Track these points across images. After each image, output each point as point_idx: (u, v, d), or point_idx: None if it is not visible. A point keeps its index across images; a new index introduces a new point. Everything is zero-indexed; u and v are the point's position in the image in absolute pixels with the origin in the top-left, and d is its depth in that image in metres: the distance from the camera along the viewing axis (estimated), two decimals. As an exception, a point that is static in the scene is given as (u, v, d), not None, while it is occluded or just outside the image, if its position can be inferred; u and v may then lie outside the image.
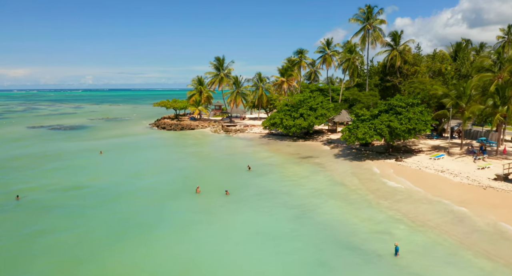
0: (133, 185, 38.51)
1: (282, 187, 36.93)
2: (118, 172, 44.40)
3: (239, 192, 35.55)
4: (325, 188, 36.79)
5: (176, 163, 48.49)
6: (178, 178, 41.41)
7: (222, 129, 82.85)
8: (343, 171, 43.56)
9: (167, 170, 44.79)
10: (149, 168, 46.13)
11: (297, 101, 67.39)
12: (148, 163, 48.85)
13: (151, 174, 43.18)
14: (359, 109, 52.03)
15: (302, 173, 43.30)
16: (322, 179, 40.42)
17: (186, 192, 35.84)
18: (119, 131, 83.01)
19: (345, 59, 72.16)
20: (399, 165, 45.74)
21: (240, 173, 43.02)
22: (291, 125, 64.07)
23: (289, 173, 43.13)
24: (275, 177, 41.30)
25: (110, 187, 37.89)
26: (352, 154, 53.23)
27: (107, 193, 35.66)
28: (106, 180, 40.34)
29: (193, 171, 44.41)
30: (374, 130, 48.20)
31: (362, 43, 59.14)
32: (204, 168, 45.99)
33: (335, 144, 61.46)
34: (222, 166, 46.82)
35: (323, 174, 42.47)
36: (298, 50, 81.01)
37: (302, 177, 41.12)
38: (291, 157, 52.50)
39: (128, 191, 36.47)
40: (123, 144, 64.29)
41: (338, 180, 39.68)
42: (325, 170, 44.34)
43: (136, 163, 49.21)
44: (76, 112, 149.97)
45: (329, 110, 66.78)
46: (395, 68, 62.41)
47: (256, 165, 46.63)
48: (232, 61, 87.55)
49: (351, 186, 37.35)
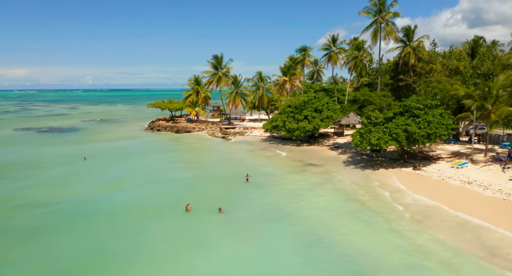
0: (114, 200, 33.28)
1: (286, 204, 31.63)
2: (100, 183, 39.16)
3: (235, 210, 30.29)
4: (337, 205, 31.48)
5: (167, 172, 43.21)
6: (167, 190, 36.13)
7: (220, 132, 77.60)
8: (355, 183, 38.26)
9: (155, 181, 39.53)
10: (135, 178, 40.87)
11: (300, 102, 62.16)
12: (136, 172, 43.57)
13: (137, 185, 37.95)
14: (371, 111, 46.73)
15: (307, 185, 37.98)
16: (332, 193, 35.10)
17: (175, 209, 30.59)
18: (110, 134, 77.76)
19: (352, 56, 66.90)
20: (419, 175, 40.46)
21: (237, 185, 37.74)
22: (294, 128, 58.84)
23: (292, 185, 37.82)
24: (277, 190, 35.99)
25: (88, 202, 32.66)
26: (363, 161, 47.95)
27: (82, 211, 30.41)
28: (85, 194, 35.11)
29: (185, 182, 39.13)
30: (389, 135, 42.93)
31: (374, 38, 53.81)
32: (197, 179, 40.70)
33: (343, 149, 56.16)
34: (218, 176, 41.54)
35: (332, 187, 37.15)
36: (301, 47, 75.71)
37: (308, 190, 35.81)
38: (294, 165, 47.23)
39: (107, 208, 31.26)
40: (112, 149, 59.04)
41: (351, 195, 34.37)
42: (334, 181, 39.02)
43: (122, 171, 43.94)
44: (70, 113, 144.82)
45: (336, 111, 61.50)
46: (409, 66, 57.09)
47: (255, 174, 41.43)
48: (231, 60, 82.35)
49: (367, 202, 32.05)
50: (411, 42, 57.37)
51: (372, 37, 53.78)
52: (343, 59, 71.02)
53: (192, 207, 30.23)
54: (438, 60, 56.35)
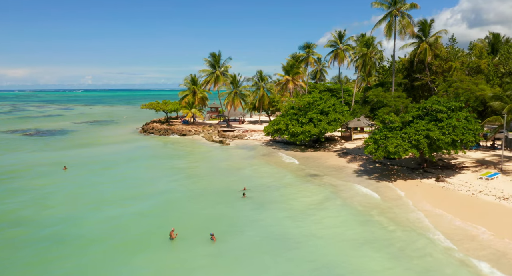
0: (86, 223, 27.89)
1: (290, 229, 26.21)
2: (76, 198, 33.78)
3: (230, 237, 24.91)
4: (354, 230, 26.02)
5: (154, 185, 37.77)
6: (151, 209, 30.71)
7: (217, 135, 72.19)
8: (371, 199, 32.82)
9: (139, 196, 34.11)
10: (117, 192, 35.46)
11: (305, 104, 56.75)
12: (118, 185, 38.16)
13: (117, 202, 32.56)
14: (386, 113, 41.29)
15: (315, 200, 32.53)
16: (345, 212, 29.64)
17: (157, 235, 25.22)
18: (99, 138, 72.36)
19: (361, 54, 61.44)
20: (444, 188, 35.03)
21: (234, 202, 32.32)
22: (298, 132, 53.44)
23: (297, 201, 32.37)
24: (279, 208, 30.53)
25: (54, 226, 27.32)
26: (377, 170, 42.55)
27: (44, 238, 25.08)
28: (53, 214, 29.76)
29: (174, 198, 33.69)
30: (409, 141, 37.51)
31: (388, 33, 48.29)
32: (188, 193, 35.27)
33: (352, 155, 50.72)
34: (212, 189, 36.13)
35: (344, 203, 31.70)
36: (305, 44, 70.18)
37: (317, 209, 30.32)
38: (298, 175, 41.83)
39: (78, 232, 25.98)
40: (98, 156, 53.64)
41: (369, 215, 28.91)
42: (345, 197, 33.55)
43: (104, 184, 38.52)
44: (64, 114, 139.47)
45: (344, 114, 56.10)
46: (425, 64, 51.62)
47: (254, 186, 36.14)
48: (230, 58, 76.73)
49: (390, 226, 26.58)
50: (427, 38, 51.88)
51: (386, 32, 48.28)
52: (350, 56, 65.61)
53: (178, 234, 24.85)
54: (459, 57, 50.79)
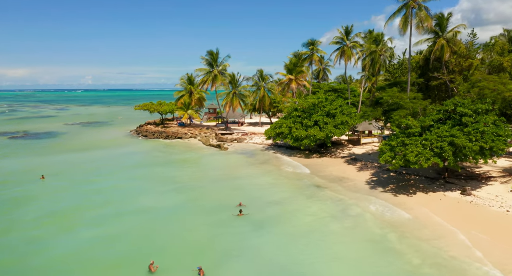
0: (53, 248, 23.29)
1: (295, 259, 21.51)
2: (47, 215, 29.18)
3: (222, 270, 20.23)
4: (369, 262, 21.27)
5: (138, 200, 33.00)
6: (129, 232, 25.93)
7: (215, 138, 67.49)
8: (388, 218, 28.08)
9: (119, 214, 29.40)
10: (95, 208, 30.76)
11: (309, 105, 52.07)
12: (98, 199, 33.42)
13: (94, 221, 27.88)
14: (403, 117, 36.58)
15: (322, 221, 27.73)
16: (358, 237, 24.78)
17: (134, 267, 20.56)
18: (88, 142, 67.69)
19: (370, 51, 56.72)
20: (472, 204, 30.33)
21: (227, 222, 27.56)
22: (302, 137, 48.75)
23: (302, 222, 27.56)
24: (281, 232, 25.76)
25: (13, 251, 22.62)
26: (392, 181, 37.84)
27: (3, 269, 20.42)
28: (16, 235, 25.08)
29: (157, 217, 28.86)
30: (430, 149, 32.80)
31: (404, 26, 43.43)
32: (176, 210, 30.50)
33: (362, 162, 46.01)
34: (203, 205, 31.41)
35: (357, 225, 26.87)
36: (309, 41, 65.40)
37: (325, 233, 25.42)
38: (303, 186, 37.11)
39: (41, 262, 21.32)
40: (82, 162, 48.96)
41: (387, 241, 24.15)
42: (357, 215, 28.76)
43: (81, 198, 33.81)
44: (57, 115, 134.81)
45: (351, 116, 51.40)
46: (441, 62, 46.90)
47: (252, 201, 31.52)
48: (228, 56, 71.80)
49: (415, 258, 21.82)
50: (444, 33, 47.16)
51: (401, 25, 43.42)
52: (357, 54, 60.87)
53: (159, 266, 20.17)
54: (478, 54, 46.10)
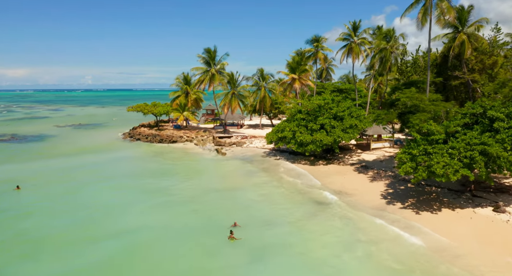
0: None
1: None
2: (13, 239, 24.69)
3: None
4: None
5: (118, 220, 28.48)
6: (99, 265, 21.41)
7: (212, 142, 63.05)
8: (410, 246, 23.54)
9: (93, 240, 24.88)
10: (67, 231, 26.34)
11: (315, 107, 47.61)
12: (74, 218, 28.94)
13: (62, 248, 23.44)
14: (423, 121, 32.10)
15: (331, 249, 23.21)
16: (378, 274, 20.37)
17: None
18: (78, 146, 63.20)
19: (380, 48, 52.27)
20: (509, 224, 25.89)
21: (218, 249, 23.09)
22: (307, 141, 44.29)
23: (308, 249, 23.11)
24: (283, 263, 21.26)
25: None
26: (411, 194, 33.37)
27: None
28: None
29: (136, 243, 24.26)
30: (459, 159, 28.35)
31: (423, 19, 38.80)
32: (158, 234, 25.83)
33: (374, 170, 41.53)
34: (192, 226, 26.92)
35: (371, 255, 22.37)
36: (313, 37, 60.82)
37: (335, 268, 20.93)
38: (308, 200, 32.65)
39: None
40: (66, 170, 44.54)
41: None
42: (372, 242, 24.12)
43: (56, 215, 29.38)
44: (50, 116, 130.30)
45: (361, 119, 46.96)
46: (462, 59, 42.43)
47: (250, 219, 27.32)
48: (227, 54, 67.31)
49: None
50: (464, 28, 42.68)
51: (421, 18, 38.83)
52: (366, 51, 56.42)
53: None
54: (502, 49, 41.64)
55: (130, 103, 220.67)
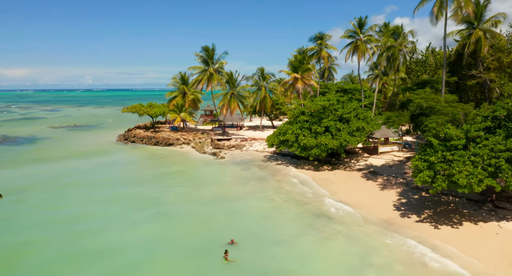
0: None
1: None
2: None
3: None
4: None
5: (104, 235, 25.51)
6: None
7: (210, 145, 60.10)
8: (434, 268, 20.57)
9: (70, 259, 21.94)
10: (43, 245, 23.41)
11: (319, 108, 44.59)
12: (54, 230, 26.07)
13: (29, 269, 20.44)
14: (440, 124, 29.04)
15: (341, 273, 20.28)
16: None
17: None
18: (69, 149, 60.27)
19: (388, 46, 49.27)
20: (545, 243, 22.87)
21: (212, 273, 20.10)
22: (311, 145, 41.29)
23: (311, 270, 20.16)
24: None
25: None
26: (426, 204, 30.35)
27: None
28: None
29: (121, 266, 21.40)
30: (482, 167, 25.33)
31: (439, 12, 35.72)
32: (147, 255, 22.92)
33: (384, 177, 38.52)
34: (184, 244, 23.96)
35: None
36: (317, 35, 57.77)
37: None
38: (312, 212, 29.58)
39: None
40: (52, 177, 41.66)
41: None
42: (386, 266, 21.21)
43: (31, 227, 26.42)
44: (46, 117, 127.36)
45: (368, 121, 43.94)
46: (477, 57, 39.41)
47: (248, 235, 24.59)
48: (226, 53, 64.28)
49: None
50: (480, 23, 39.66)
51: (436, 11, 35.71)
52: (372, 49, 53.40)
53: None
54: None
55: (129, 103, 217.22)
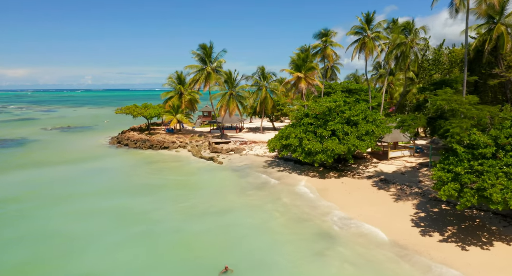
0: None
1: None
2: None
3: None
4: None
5: (81, 259, 22.00)
6: None
7: (208, 149, 56.64)
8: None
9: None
10: (7, 271, 19.89)
11: (324, 110, 41.12)
12: (24, 250, 22.53)
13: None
14: (464, 129, 25.54)
15: None
16: None
17: None
18: (57, 152, 56.80)
19: (398, 43, 45.86)
20: None
21: None
22: (317, 151, 37.80)
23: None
24: None
25: None
26: (448, 220, 26.86)
27: None
28: None
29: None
30: (518, 180, 21.87)
31: (461, 5, 32.35)
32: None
33: (397, 186, 35.01)
34: (172, 269, 20.45)
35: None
36: (321, 31, 54.26)
37: None
38: (316, 232, 25.98)
39: None
40: (33, 185, 38.19)
41: None
42: None
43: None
44: (39, 118, 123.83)
45: (376, 123, 40.48)
46: (499, 54, 36.01)
47: (242, 258, 21.07)
48: (224, 51, 60.73)
49: None
50: (502, 18, 36.25)
51: (458, 3, 32.40)
52: (380, 46, 50.00)
53: None
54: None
55: (128, 104, 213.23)
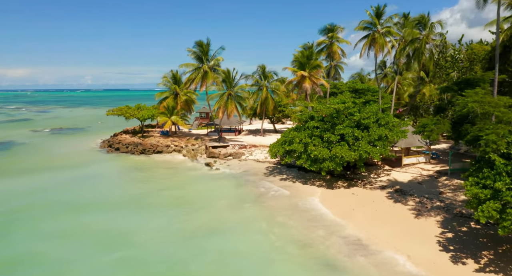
0: None
1: None
2: None
3: None
4: None
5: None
6: None
7: (205, 153, 52.71)
8: None
9: None
10: None
11: (331, 112, 37.16)
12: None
13: None
14: (501, 137, 21.54)
15: None
16: None
17: None
18: (43, 157, 52.87)
19: (411, 39, 41.96)
20: None
21: None
22: (324, 158, 33.84)
23: None
24: None
25: None
26: (482, 241, 22.95)
27: None
28: None
29: None
30: None
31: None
32: None
33: (415, 198, 31.04)
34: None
35: None
36: (327, 27, 50.21)
37: None
38: (323, 261, 22.01)
39: None
40: (7, 197, 34.17)
41: None
42: None
43: None
44: (33, 119, 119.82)
45: (389, 127, 36.49)
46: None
47: None
48: (222, 48, 56.70)
49: None
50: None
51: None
52: (391, 42, 46.09)
53: None
54: None
55: (126, 104, 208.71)
